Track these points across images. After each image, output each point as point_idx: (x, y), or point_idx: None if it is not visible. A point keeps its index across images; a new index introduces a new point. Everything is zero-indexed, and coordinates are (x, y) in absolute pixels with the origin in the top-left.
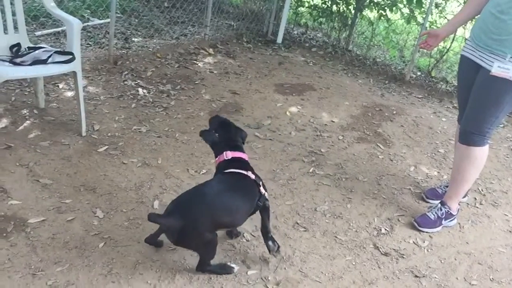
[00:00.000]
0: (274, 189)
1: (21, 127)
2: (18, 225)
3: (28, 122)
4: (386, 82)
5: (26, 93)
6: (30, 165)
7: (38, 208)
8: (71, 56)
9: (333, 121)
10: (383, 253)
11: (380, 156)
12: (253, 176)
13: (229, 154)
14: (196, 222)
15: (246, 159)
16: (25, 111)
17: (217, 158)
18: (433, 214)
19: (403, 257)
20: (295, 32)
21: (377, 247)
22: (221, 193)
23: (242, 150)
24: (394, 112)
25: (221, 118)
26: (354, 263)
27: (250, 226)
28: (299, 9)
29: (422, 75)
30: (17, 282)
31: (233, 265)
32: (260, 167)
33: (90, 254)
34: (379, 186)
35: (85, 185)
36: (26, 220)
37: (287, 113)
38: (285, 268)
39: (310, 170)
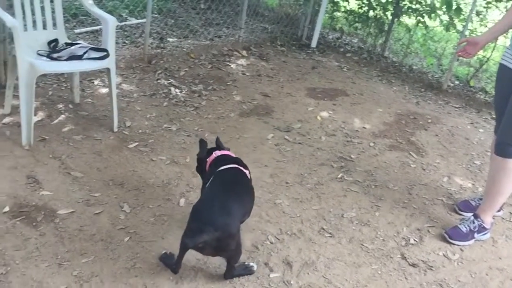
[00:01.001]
0: (301, 193)
1: (56, 121)
2: (48, 215)
3: (63, 116)
4: (422, 90)
5: (62, 88)
6: (63, 157)
7: (67, 200)
8: (105, 53)
9: (365, 128)
10: (410, 264)
11: (412, 165)
12: (243, 169)
13: (217, 152)
14: (229, 227)
15: (233, 155)
16: (60, 106)
17: (208, 159)
18: (465, 227)
19: (432, 269)
20: (330, 36)
21: (405, 257)
22: (234, 190)
23: (227, 149)
24: (429, 121)
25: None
26: (380, 273)
27: (275, 229)
28: (334, 13)
29: (460, 85)
30: (44, 271)
31: (252, 264)
32: (288, 170)
33: (115, 247)
34: (410, 196)
35: (114, 180)
36: (55, 211)
37: (318, 117)
38: (308, 273)
39: (339, 176)
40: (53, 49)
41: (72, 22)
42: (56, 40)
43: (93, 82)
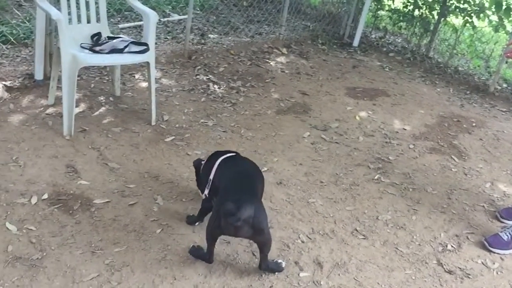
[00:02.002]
0: (335, 193)
1: (96, 113)
2: (84, 204)
3: (103, 108)
4: (468, 92)
5: (104, 81)
6: (101, 149)
7: (104, 190)
8: (145, 47)
9: (405, 129)
10: (446, 270)
11: (453, 169)
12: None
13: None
14: (261, 204)
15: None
16: (101, 98)
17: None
18: (507, 235)
19: (469, 277)
20: (373, 36)
21: (441, 263)
22: (252, 173)
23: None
24: (474, 124)
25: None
26: (414, 278)
27: (307, 228)
28: (378, 12)
29: (508, 88)
30: (77, 258)
31: (280, 261)
32: (323, 169)
33: (147, 238)
34: (449, 200)
35: (150, 172)
36: (92, 200)
37: (357, 117)
38: (339, 275)
39: (375, 177)
40: (95, 43)
41: (116, 17)
42: (99, 34)
43: (134, 76)
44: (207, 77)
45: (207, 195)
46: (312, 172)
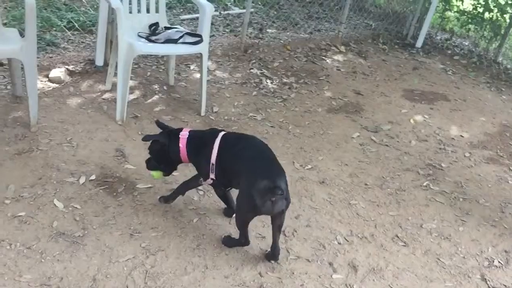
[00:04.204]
0: (379, 196)
1: (149, 100)
2: (128, 188)
3: (156, 96)
4: None
5: (160, 70)
6: None
7: (148, 175)
8: (199, 38)
9: (462, 136)
10: (490, 286)
11: (510, 181)
12: None
13: (184, 132)
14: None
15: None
16: (156, 86)
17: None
18: None
19: None
20: (438, 37)
21: (485, 279)
22: (258, 141)
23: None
24: None
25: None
26: None
27: (346, 229)
28: (445, 13)
29: None
30: (116, 239)
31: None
32: (369, 171)
33: (184, 226)
34: (502, 214)
35: None
36: (135, 185)
37: (411, 120)
38: (373, 280)
39: (424, 184)
40: (152, 32)
41: (179, 8)
42: (156, 24)
43: (189, 67)
44: (261, 72)
45: (214, 179)
46: (357, 173)
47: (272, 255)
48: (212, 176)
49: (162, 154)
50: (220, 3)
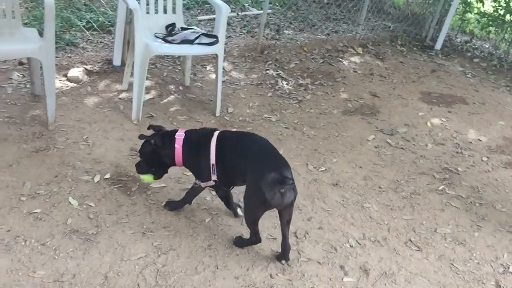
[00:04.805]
0: (393, 200)
1: (165, 100)
2: (141, 187)
3: (172, 96)
4: None
5: (176, 70)
6: None
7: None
8: (215, 39)
9: (480, 140)
10: None
11: None
12: None
13: (180, 133)
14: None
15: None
16: (171, 87)
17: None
18: None
19: None
20: (458, 39)
21: (500, 285)
22: (256, 136)
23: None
24: None
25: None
26: None
27: (358, 233)
28: (466, 15)
29: None
30: (128, 237)
31: None
32: (383, 174)
33: (196, 225)
34: None
35: None
36: (149, 184)
37: (428, 123)
38: (385, 284)
39: (440, 188)
40: (169, 33)
41: (196, 9)
42: (173, 24)
43: (205, 67)
44: (277, 73)
45: (217, 180)
46: (371, 176)
47: (282, 252)
48: (214, 177)
49: (154, 156)
50: (238, 4)
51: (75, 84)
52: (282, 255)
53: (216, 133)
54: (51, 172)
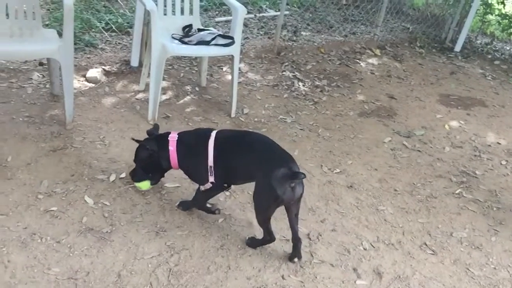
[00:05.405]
0: (409, 203)
1: (181, 101)
2: (156, 187)
3: (188, 97)
4: None
5: (193, 71)
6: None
7: (176, 174)
8: (231, 40)
9: (499, 143)
10: None
11: None
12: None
13: (173, 135)
14: None
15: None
16: (188, 87)
17: (173, 141)
18: None
19: None
20: (478, 41)
21: None
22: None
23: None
24: None
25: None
26: None
27: (372, 235)
28: (486, 16)
29: None
30: (142, 236)
31: None
32: (399, 177)
33: (209, 226)
34: None
35: None
36: (163, 184)
37: (446, 126)
38: None
39: (457, 191)
40: (186, 34)
41: (214, 10)
42: (190, 26)
43: (221, 68)
44: (293, 74)
45: (214, 182)
46: (387, 178)
47: (294, 247)
48: (211, 179)
49: (151, 161)
50: (255, 6)
51: (93, 85)
52: (294, 251)
53: (213, 133)
54: (68, 170)
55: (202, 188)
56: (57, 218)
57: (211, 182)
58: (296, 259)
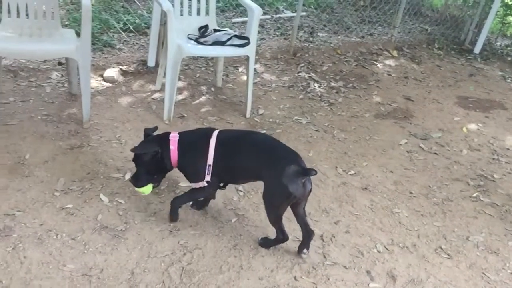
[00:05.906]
0: (424, 206)
1: (196, 101)
2: (170, 185)
3: (203, 97)
4: None
5: (209, 72)
6: None
7: None
8: (246, 41)
9: None
10: None
11: None
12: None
13: (174, 135)
14: None
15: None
16: (203, 87)
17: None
18: None
19: None
20: (498, 43)
21: None
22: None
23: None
24: None
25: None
26: None
27: (386, 238)
28: (507, 17)
29: None
30: (155, 235)
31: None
32: (415, 180)
33: (222, 225)
34: None
35: None
36: (177, 183)
37: (464, 129)
38: None
39: (474, 195)
40: (201, 34)
41: (231, 11)
42: (206, 26)
43: (237, 69)
44: (309, 75)
45: (210, 181)
46: (402, 181)
47: (305, 238)
48: (207, 178)
49: (156, 162)
50: (272, 7)
51: (110, 84)
52: (304, 242)
53: (215, 133)
54: (84, 169)
55: (193, 185)
56: (72, 215)
57: (207, 181)
58: (305, 251)
